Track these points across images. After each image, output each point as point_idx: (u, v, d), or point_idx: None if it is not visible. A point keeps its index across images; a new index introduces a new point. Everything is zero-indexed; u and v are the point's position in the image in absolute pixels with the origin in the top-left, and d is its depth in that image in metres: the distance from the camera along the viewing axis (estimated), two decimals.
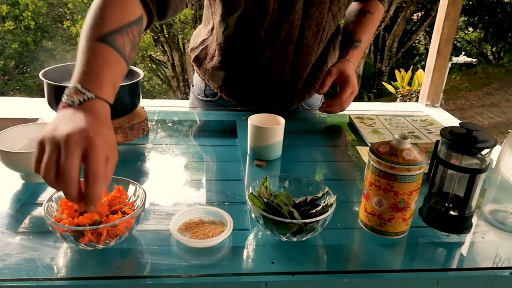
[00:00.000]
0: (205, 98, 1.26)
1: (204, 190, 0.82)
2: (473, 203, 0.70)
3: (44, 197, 0.76)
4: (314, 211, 0.67)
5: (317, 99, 1.32)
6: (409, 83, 4.80)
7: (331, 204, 0.65)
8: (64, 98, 0.61)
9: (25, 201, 0.75)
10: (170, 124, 1.13)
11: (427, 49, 7.18)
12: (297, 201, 0.69)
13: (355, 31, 1.17)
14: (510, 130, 0.76)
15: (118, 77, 0.67)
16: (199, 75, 1.23)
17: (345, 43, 1.17)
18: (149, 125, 1.08)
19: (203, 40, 1.18)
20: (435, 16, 3.01)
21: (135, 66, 1.08)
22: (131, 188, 0.70)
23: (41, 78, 0.94)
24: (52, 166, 0.53)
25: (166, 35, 8.09)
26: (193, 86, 1.31)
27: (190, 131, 1.11)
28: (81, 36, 0.68)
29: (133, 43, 0.72)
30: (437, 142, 0.72)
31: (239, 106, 1.22)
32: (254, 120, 0.93)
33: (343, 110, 1.12)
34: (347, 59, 1.11)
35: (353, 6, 1.22)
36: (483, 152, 0.66)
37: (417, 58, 9.62)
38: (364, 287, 0.61)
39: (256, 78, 1.13)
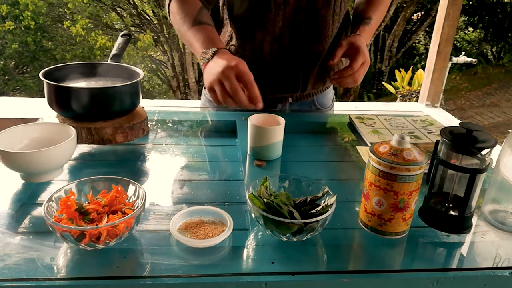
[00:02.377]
0: (210, 97, 1.26)
1: (204, 190, 0.82)
2: (473, 203, 0.70)
3: (44, 197, 0.76)
4: (314, 211, 0.67)
5: (329, 98, 1.32)
6: (409, 83, 4.80)
7: (331, 204, 0.65)
8: (202, 61, 0.94)
9: (25, 201, 0.75)
10: (170, 124, 1.13)
11: (427, 49, 7.18)
12: (297, 201, 0.69)
13: (365, 10, 1.17)
14: (510, 130, 0.76)
15: (216, 34, 1.01)
16: None
17: (356, 22, 1.17)
18: (149, 125, 1.08)
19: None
20: (435, 16, 3.01)
21: (135, 66, 1.08)
22: (131, 188, 0.70)
23: (41, 78, 0.94)
24: (226, 95, 0.86)
25: (166, 35, 8.10)
26: (204, 88, 1.31)
27: (190, 131, 1.11)
28: (182, 34, 1.04)
29: (209, 16, 1.06)
30: (437, 142, 0.72)
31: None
32: (254, 120, 0.93)
33: (356, 84, 1.09)
34: (357, 34, 1.11)
35: None
36: (483, 152, 0.66)
37: (417, 58, 9.61)
38: (364, 287, 0.61)
39: (270, 53, 1.12)
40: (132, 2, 8.19)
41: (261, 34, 1.10)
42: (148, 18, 8.56)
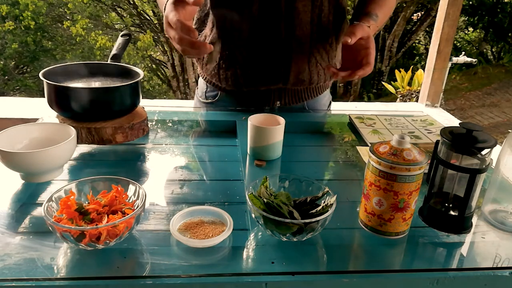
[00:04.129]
0: (205, 100, 1.27)
1: (204, 190, 0.82)
2: (473, 203, 0.70)
3: (44, 197, 0.76)
4: (314, 211, 0.67)
5: (323, 104, 1.30)
6: (409, 83, 4.80)
7: (331, 204, 0.65)
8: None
9: (25, 201, 0.75)
10: (170, 124, 1.13)
11: (427, 49, 7.18)
12: (297, 201, 0.69)
13: (371, 6, 1.09)
14: (510, 130, 0.76)
15: None
16: (200, 75, 1.24)
17: (362, 15, 1.08)
18: (149, 125, 1.08)
19: (197, 22, 1.17)
20: (435, 16, 3.01)
21: (135, 66, 1.08)
22: (131, 188, 0.70)
23: (41, 78, 0.94)
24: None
25: (166, 35, 8.09)
26: (197, 88, 1.32)
27: (190, 131, 1.11)
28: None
29: None
30: (437, 142, 0.72)
31: (239, 104, 1.22)
32: (254, 120, 0.93)
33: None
34: (368, 26, 1.02)
35: None
36: (483, 152, 0.66)
37: (417, 58, 9.61)
38: (364, 287, 0.61)
39: (250, 37, 1.10)
40: (132, 2, 8.19)
41: (240, 16, 1.08)
42: (148, 18, 8.56)
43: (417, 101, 3.58)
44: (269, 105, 1.20)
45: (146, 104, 1.16)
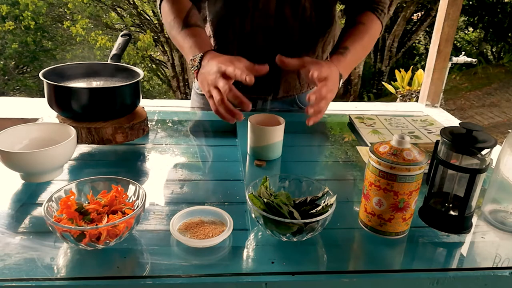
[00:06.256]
0: (199, 92, 1.29)
1: (204, 190, 0.82)
2: (473, 203, 0.70)
3: (44, 197, 0.76)
4: (314, 211, 0.67)
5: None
6: (409, 83, 4.80)
7: (331, 204, 0.65)
8: (192, 69, 0.98)
9: (25, 201, 0.75)
10: (170, 124, 1.13)
11: (427, 49, 7.18)
12: (297, 201, 0.69)
13: (341, 40, 1.09)
14: (510, 130, 0.76)
15: (204, 36, 1.03)
16: None
17: (331, 53, 1.10)
18: (149, 125, 1.08)
19: None
20: (435, 16, 3.01)
21: (135, 66, 1.08)
22: (131, 188, 0.70)
23: (41, 78, 0.94)
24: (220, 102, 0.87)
25: (166, 35, 8.09)
26: (194, 82, 1.35)
27: (190, 131, 1.11)
28: (172, 37, 1.07)
29: (199, 16, 1.08)
30: (437, 142, 0.72)
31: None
32: (254, 120, 0.93)
33: (319, 111, 0.94)
34: (328, 61, 1.01)
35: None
36: (483, 152, 0.66)
37: (417, 58, 9.62)
38: (364, 287, 0.61)
39: (240, 54, 1.07)
40: (132, 2, 8.20)
41: (232, 35, 1.12)
42: (148, 18, 8.57)
43: (417, 101, 3.58)
44: (261, 100, 1.23)
45: (146, 104, 1.16)
